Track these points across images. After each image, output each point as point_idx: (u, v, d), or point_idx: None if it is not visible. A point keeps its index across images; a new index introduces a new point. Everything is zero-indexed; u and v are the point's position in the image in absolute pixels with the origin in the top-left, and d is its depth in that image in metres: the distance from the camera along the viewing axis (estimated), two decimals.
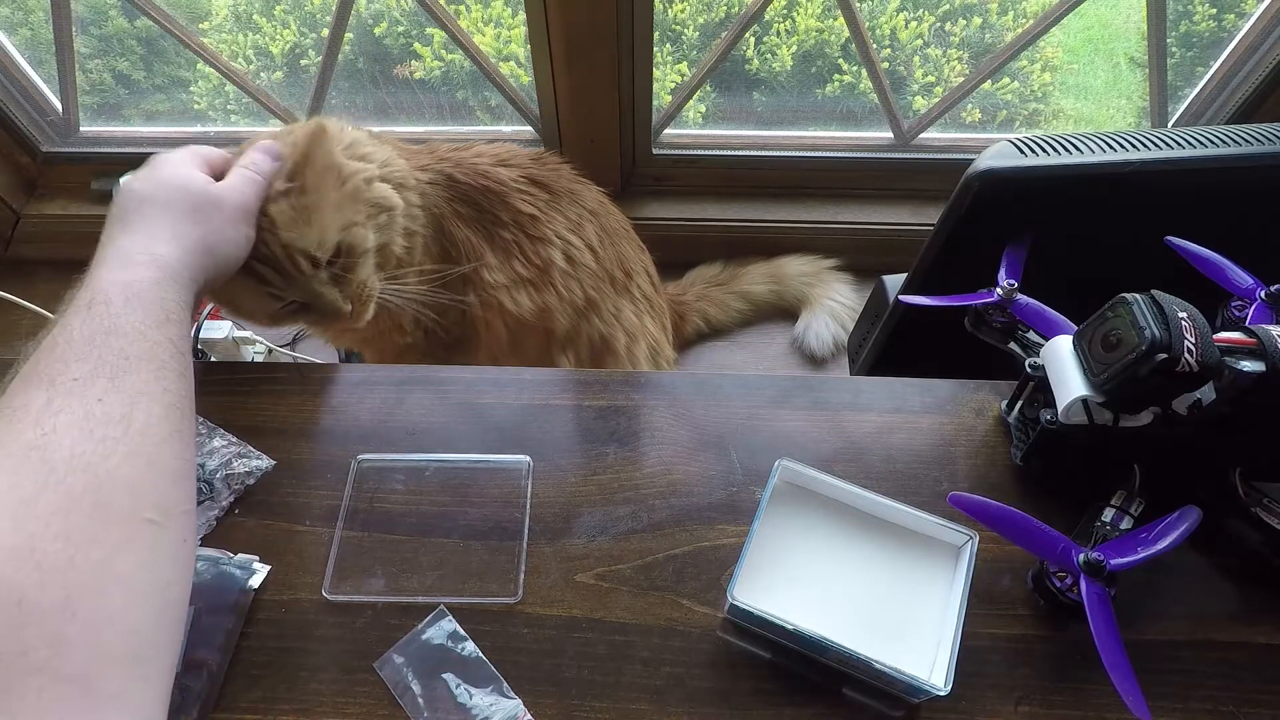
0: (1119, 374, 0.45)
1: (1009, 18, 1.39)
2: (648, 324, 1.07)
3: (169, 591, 0.39)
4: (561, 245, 0.92)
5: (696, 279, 1.38)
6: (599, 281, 0.97)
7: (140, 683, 0.36)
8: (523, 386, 0.63)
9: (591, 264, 0.96)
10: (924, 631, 0.48)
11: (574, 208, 0.95)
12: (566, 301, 0.94)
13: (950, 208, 0.67)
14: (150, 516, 0.38)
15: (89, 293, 0.45)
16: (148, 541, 0.38)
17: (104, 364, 0.41)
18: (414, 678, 0.48)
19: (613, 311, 1.00)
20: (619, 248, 1.01)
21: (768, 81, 1.44)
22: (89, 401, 0.39)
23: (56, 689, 0.32)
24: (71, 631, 0.33)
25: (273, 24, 1.44)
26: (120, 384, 0.41)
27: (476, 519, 0.55)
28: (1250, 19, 1.21)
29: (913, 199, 1.44)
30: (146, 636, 0.37)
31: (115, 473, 0.38)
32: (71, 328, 0.43)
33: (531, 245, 0.90)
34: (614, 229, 1.01)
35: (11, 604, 0.32)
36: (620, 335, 1.02)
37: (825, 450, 0.59)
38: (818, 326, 1.33)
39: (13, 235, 1.43)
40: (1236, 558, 0.53)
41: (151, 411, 0.41)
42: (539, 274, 0.91)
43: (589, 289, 0.96)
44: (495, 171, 0.88)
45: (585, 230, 0.96)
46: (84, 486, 0.36)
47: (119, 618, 0.35)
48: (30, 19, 1.38)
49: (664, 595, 0.52)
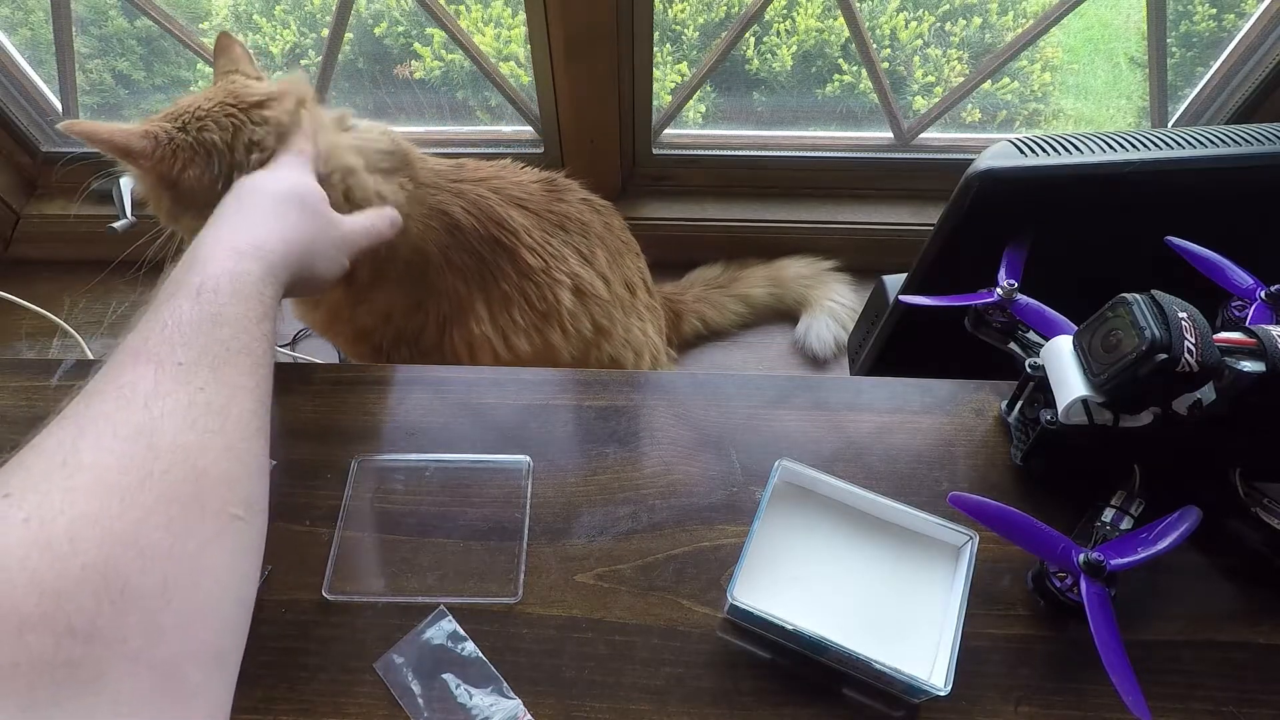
0: (1119, 374, 0.45)
1: (1009, 18, 1.39)
2: (650, 333, 1.07)
3: (246, 588, 0.39)
4: (572, 282, 0.90)
5: (696, 280, 1.37)
6: (609, 309, 0.96)
7: (220, 679, 0.36)
8: (522, 386, 0.63)
9: (603, 294, 0.94)
10: (924, 632, 0.48)
11: (585, 239, 0.93)
12: (573, 337, 0.92)
13: (950, 208, 0.67)
14: (237, 512, 0.38)
15: (199, 277, 0.46)
16: (234, 536, 0.38)
17: (207, 353, 0.42)
18: (414, 678, 0.48)
19: (622, 335, 0.99)
20: (624, 268, 1.00)
21: (768, 81, 1.44)
22: (192, 390, 0.40)
23: (148, 679, 0.32)
24: (167, 622, 0.33)
25: (273, 24, 1.44)
26: (220, 375, 0.42)
27: (476, 519, 0.55)
28: (1250, 19, 1.21)
29: (913, 199, 1.44)
30: (229, 632, 0.37)
31: (212, 466, 0.38)
32: (181, 310, 0.43)
33: (537, 291, 0.87)
34: (618, 248, 1.00)
35: (116, 590, 0.32)
36: (629, 355, 1.01)
37: (825, 450, 0.59)
38: (819, 327, 1.33)
39: (13, 235, 1.43)
40: (1237, 558, 0.53)
41: (244, 406, 0.42)
42: (541, 319, 0.89)
43: (599, 319, 0.94)
44: (511, 219, 0.84)
45: (597, 260, 0.94)
46: (184, 477, 0.37)
47: (209, 612, 0.36)
48: (30, 19, 1.38)
49: (664, 595, 0.52)
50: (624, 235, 1.02)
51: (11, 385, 0.63)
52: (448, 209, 0.81)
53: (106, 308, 1.41)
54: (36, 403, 0.61)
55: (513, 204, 0.86)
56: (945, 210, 0.67)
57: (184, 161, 0.64)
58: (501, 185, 0.86)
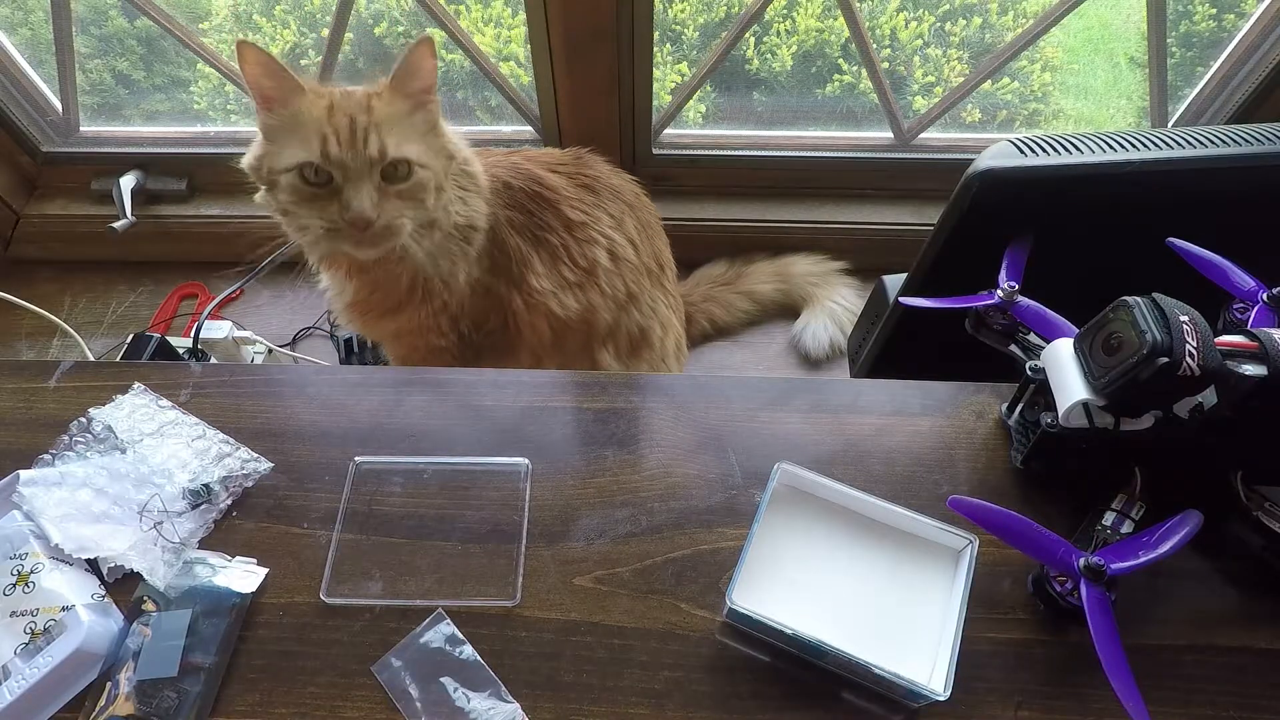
0: (1120, 378, 0.45)
1: (1009, 18, 1.39)
2: (673, 318, 1.09)
3: None
4: (606, 243, 0.94)
5: (701, 279, 1.37)
6: (639, 275, 0.99)
7: None
8: (521, 388, 0.62)
9: (633, 258, 0.98)
10: (923, 636, 0.48)
11: (616, 203, 0.97)
12: (609, 298, 0.95)
13: (950, 208, 0.66)
14: None
15: None
16: None
17: None
18: (412, 681, 0.48)
19: (650, 304, 1.02)
20: (654, 241, 1.03)
21: (768, 81, 1.44)
22: None
23: None
24: None
25: (273, 24, 1.44)
26: None
27: (475, 522, 0.55)
28: (1250, 19, 1.21)
29: (913, 199, 1.43)
30: None
31: None
32: None
33: (579, 247, 0.91)
34: (648, 221, 1.03)
35: None
36: (656, 327, 1.03)
37: (825, 452, 0.58)
38: (815, 327, 1.32)
39: (13, 235, 1.43)
40: (1238, 562, 0.53)
41: None
42: (585, 275, 0.92)
43: (630, 283, 0.97)
44: (547, 178, 0.90)
45: (626, 225, 0.97)
46: None
47: None
48: (30, 19, 1.38)
49: (663, 599, 0.52)
50: (653, 211, 1.05)
51: (10, 386, 0.62)
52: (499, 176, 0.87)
53: (106, 308, 1.40)
54: (35, 404, 0.61)
55: (545, 168, 0.91)
56: (945, 210, 0.67)
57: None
58: (531, 155, 0.93)
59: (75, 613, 0.49)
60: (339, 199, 0.71)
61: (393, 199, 0.73)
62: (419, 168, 0.73)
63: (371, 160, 0.70)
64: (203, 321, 1.21)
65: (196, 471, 0.57)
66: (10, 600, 0.50)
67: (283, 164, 0.71)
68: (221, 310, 1.36)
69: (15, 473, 0.56)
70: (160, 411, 0.61)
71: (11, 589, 0.51)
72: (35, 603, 0.50)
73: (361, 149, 0.70)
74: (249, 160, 0.75)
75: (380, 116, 0.71)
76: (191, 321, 1.26)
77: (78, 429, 0.59)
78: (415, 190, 0.74)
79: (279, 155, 0.71)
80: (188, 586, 0.52)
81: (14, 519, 0.54)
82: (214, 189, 1.44)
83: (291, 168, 0.71)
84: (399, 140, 0.71)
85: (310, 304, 1.40)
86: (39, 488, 0.55)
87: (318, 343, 1.37)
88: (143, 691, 0.47)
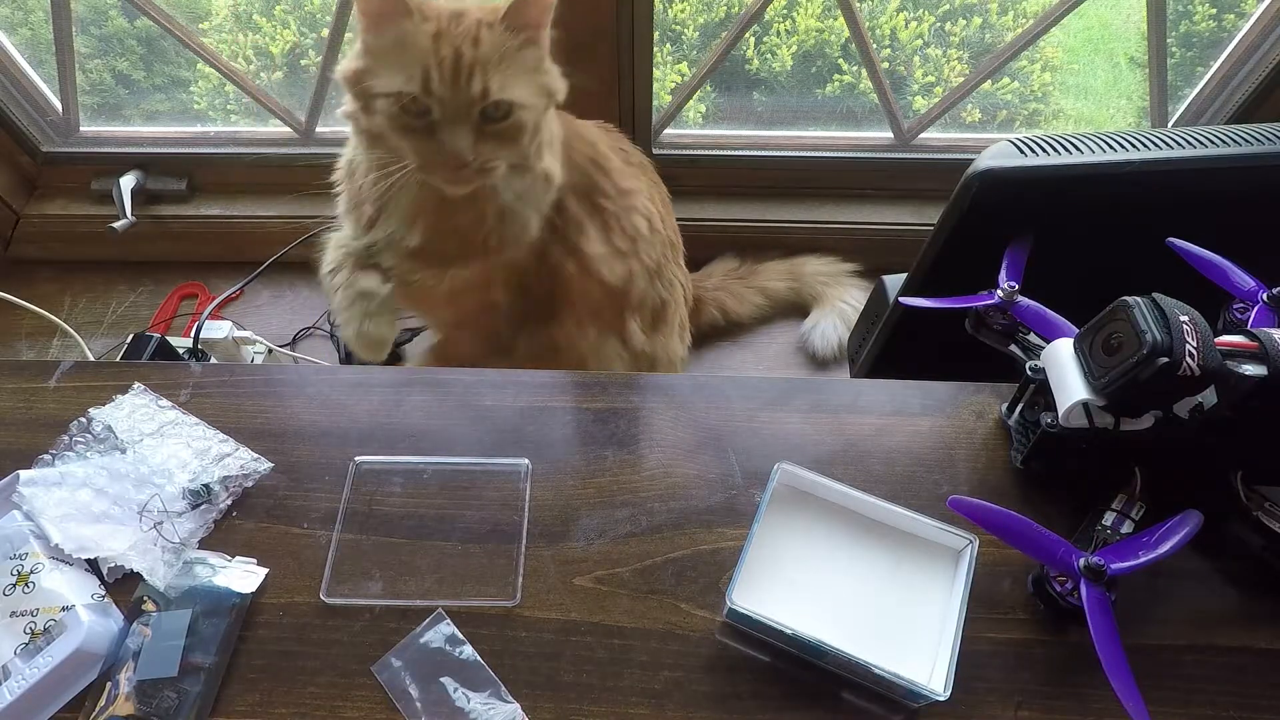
0: (1120, 378, 0.45)
1: (1009, 18, 1.38)
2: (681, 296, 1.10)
3: None
4: (645, 213, 0.94)
5: (715, 270, 1.38)
6: (665, 248, 1.00)
7: None
8: (521, 388, 0.62)
9: (662, 229, 0.98)
10: (923, 636, 0.48)
11: (646, 176, 0.97)
12: (645, 267, 0.95)
13: (950, 208, 0.66)
14: None
15: None
16: None
17: None
18: (412, 681, 0.48)
19: (670, 277, 1.02)
20: (671, 218, 1.05)
21: (768, 81, 1.44)
22: None
23: None
24: None
25: (273, 24, 1.44)
26: None
27: (475, 522, 0.55)
28: (1250, 19, 1.21)
29: (913, 199, 1.43)
30: None
31: None
32: None
33: (627, 216, 0.91)
34: (666, 197, 1.04)
35: None
36: (673, 301, 1.04)
37: (825, 452, 0.58)
38: (825, 327, 1.32)
39: (13, 235, 1.43)
40: (1238, 562, 0.53)
41: None
42: (631, 244, 0.92)
43: (657, 255, 0.98)
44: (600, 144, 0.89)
45: (655, 198, 0.98)
46: None
47: None
48: (30, 19, 1.38)
49: (663, 599, 0.52)
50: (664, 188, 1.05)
51: (10, 386, 0.62)
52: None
53: (106, 308, 1.40)
54: (35, 404, 0.61)
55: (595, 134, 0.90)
56: (945, 210, 0.67)
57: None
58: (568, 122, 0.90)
59: (75, 613, 0.49)
60: (435, 136, 0.69)
61: (489, 139, 0.71)
62: (520, 109, 0.71)
63: (473, 100, 0.68)
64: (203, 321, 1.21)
65: (196, 471, 0.57)
66: (10, 600, 0.50)
67: (381, 88, 0.68)
68: (221, 310, 1.36)
69: (15, 473, 0.56)
70: (160, 411, 0.61)
71: (11, 589, 0.51)
72: (35, 603, 0.50)
73: (465, 86, 0.67)
74: (344, 69, 0.72)
75: (487, 51, 0.67)
76: (191, 321, 1.26)
77: (78, 429, 0.59)
78: (513, 131, 0.72)
79: (378, 77, 0.69)
80: (188, 586, 0.52)
81: (14, 519, 0.54)
82: (214, 189, 1.44)
83: (390, 94, 0.68)
84: (503, 81, 0.68)
85: (310, 304, 1.40)
86: (39, 488, 0.55)
87: (318, 343, 1.37)
88: (143, 691, 0.47)
